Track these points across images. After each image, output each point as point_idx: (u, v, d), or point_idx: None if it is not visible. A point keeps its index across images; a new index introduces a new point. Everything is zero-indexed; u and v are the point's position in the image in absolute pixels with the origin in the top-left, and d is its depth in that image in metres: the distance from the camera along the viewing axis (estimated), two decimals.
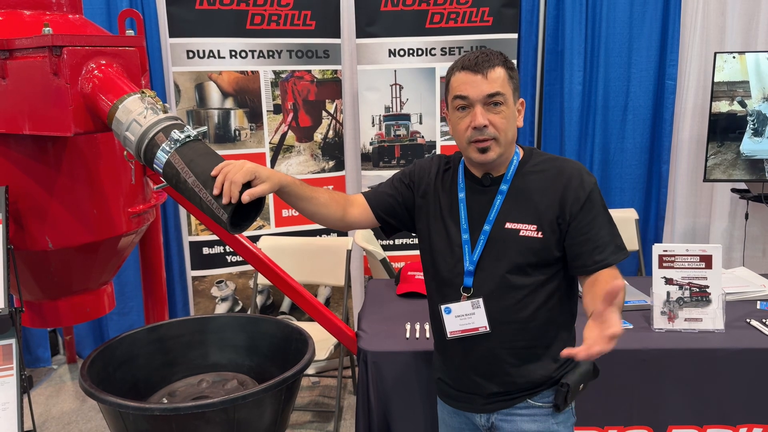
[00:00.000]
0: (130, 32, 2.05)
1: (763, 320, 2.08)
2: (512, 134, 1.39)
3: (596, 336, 1.12)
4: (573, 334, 1.50)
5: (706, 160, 3.26)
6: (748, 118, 3.21)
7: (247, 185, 1.28)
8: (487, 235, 1.40)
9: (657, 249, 2.06)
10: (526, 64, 3.44)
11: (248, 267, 3.20)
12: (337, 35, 3.24)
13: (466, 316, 1.42)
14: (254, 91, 3.14)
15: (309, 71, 3.20)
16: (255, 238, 3.02)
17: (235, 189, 1.26)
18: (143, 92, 1.53)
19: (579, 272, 1.41)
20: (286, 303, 3.31)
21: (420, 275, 2.41)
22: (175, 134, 1.38)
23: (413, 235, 3.34)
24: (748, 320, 2.09)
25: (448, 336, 1.45)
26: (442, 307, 1.45)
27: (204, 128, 1.50)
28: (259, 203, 1.32)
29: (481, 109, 1.33)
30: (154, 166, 1.40)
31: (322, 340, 2.59)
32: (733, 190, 3.54)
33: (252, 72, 3.12)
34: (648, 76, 3.45)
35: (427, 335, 1.99)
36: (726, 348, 1.93)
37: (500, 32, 3.20)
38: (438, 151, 3.29)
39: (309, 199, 1.44)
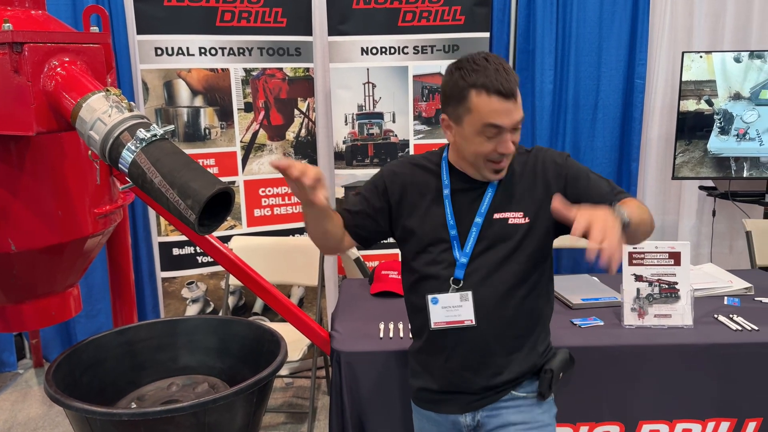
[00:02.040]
0: (94, 29, 2.00)
1: (730, 315, 2.12)
2: None
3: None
4: (548, 328, 1.59)
5: (675, 158, 3.32)
6: (715, 116, 3.27)
7: (226, 199, 1.32)
8: (479, 227, 1.43)
9: (627, 246, 2.08)
10: None
11: (219, 268, 3.16)
12: (309, 33, 3.21)
13: (452, 308, 1.43)
14: (224, 89, 3.10)
15: (280, 69, 3.17)
16: (226, 239, 2.98)
17: (312, 173, 1.25)
18: (108, 90, 1.49)
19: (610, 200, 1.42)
20: (258, 304, 3.27)
21: (394, 274, 2.40)
22: (141, 133, 1.35)
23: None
24: (715, 316, 2.13)
25: (432, 326, 1.45)
26: (429, 297, 1.45)
27: (171, 127, 1.46)
28: (227, 204, 1.30)
29: (510, 136, 1.34)
30: (119, 165, 1.37)
31: (296, 341, 2.57)
32: (701, 188, 3.61)
33: (222, 70, 3.08)
34: (617, 75, 3.49)
35: (401, 334, 1.98)
36: (694, 343, 1.95)
37: (472, 31, 3.21)
38: (411, 150, 3.29)
39: (330, 219, 1.47)
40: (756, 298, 2.29)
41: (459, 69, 1.34)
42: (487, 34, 3.25)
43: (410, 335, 1.65)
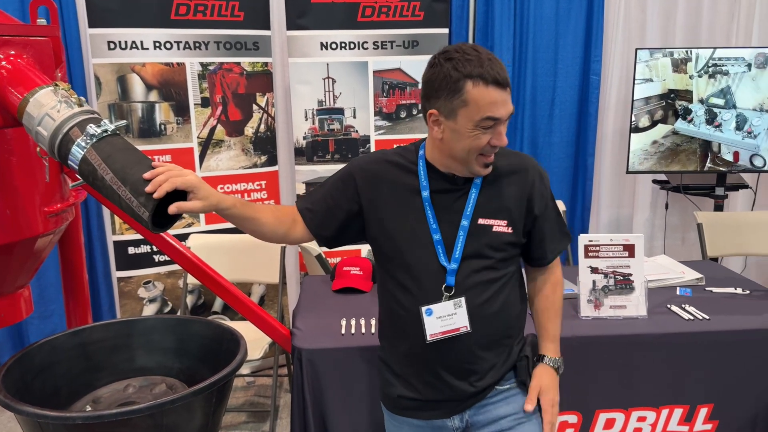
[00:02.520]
0: (42, 21, 1.94)
1: (683, 305, 2.18)
2: None
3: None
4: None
5: (629, 153, 3.39)
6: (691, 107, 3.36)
7: (182, 197, 1.25)
8: (466, 230, 1.37)
9: (583, 239, 2.12)
10: None
11: (177, 267, 3.09)
12: (267, 27, 3.17)
13: (447, 317, 1.37)
14: (180, 83, 3.03)
15: (238, 63, 3.12)
16: (184, 237, 2.93)
17: (167, 186, 1.21)
18: (56, 85, 1.44)
19: (536, 264, 1.53)
20: (218, 303, 3.23)
21: (356, 270, 2.40)
22: (91, 129, 1.31)
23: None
24: (668, 306, 2.19)
25: (429, 339, 1.37)
26: (423, 309, 1.37)
27: (123, 122, 1.43)
28: (182, 201, 1.27)
29: (504, 128, 1.30)
30: (69, 162, 1.33)
31: (257, 339, 2.54)
32: (654, 182, 3.70)
33: (178, 64, 3.02)
34: (574, 71, 3.55)
35: (363, 330, 1.98)
36: (649, 333, 2.01)
37: (431, 27, 3.21)
38: (372, 146, 3.29)
39: (252, 220, 1.40)
40: (707, 288, 2.36)
41: (449, 60, 1.26)
42: (446, 30, 3.26)
43: (380, 341, 1.56)
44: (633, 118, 3.34)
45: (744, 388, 2.02)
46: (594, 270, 2.12)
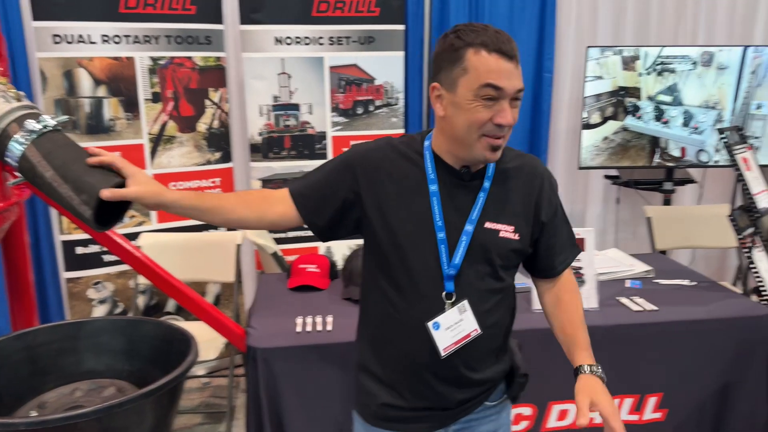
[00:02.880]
0: None
1: (632, 297, 2.23)
2: None
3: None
4: None
5: (580, 149, 3.46)
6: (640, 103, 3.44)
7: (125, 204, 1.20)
8: (470, 236, 1.26)
9: None
10: (414, 56, 3.47)
11: (128, 266, 3.02)
12: (219, 21, 3.11)
13: (455, 326, 1.27)
14: (129, 78, 2.95)
15: (190, 58, 3.05)
16: (134, 235, 2.86)
17: (104, 159, 1.19)
18: None
19: (544, 275, 1.43)
20: (171, 303, 3.16)
21: (312, 268, 2.38)
22: (31, 124, 1.26)
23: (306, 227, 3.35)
24: (618, 298, 2.24)
25: (443, 354, 1.27)
26: (430, 324, 1.26)
27: (65, 118, 1.37)
28: (125, 202, 1.23)
29: (509, 106, 1.18)
30: (7, 159, 1.27)
31: (211, 339, 2.49)
32: (606, 177, 3.79)
33: (127, 58, 2.93)
34: (527, 68, 3.60)
35: (319, 328, 1.96)
36: (599, 325, 2.04)
37: (387, 23, 3.21)
38: (329, 142, 3.26)
39: (213, 210, 1.29)
40: (655, 281, 2.43)
41: (455, 32, 1.20)
42: (402, 27, 3.26)
43: (361, 346, 1.42)
44: (585, 115, 3.40)
45: (692, 376, 2.09)
46: None
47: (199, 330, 1.96)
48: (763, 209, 2.27)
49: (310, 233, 1.39)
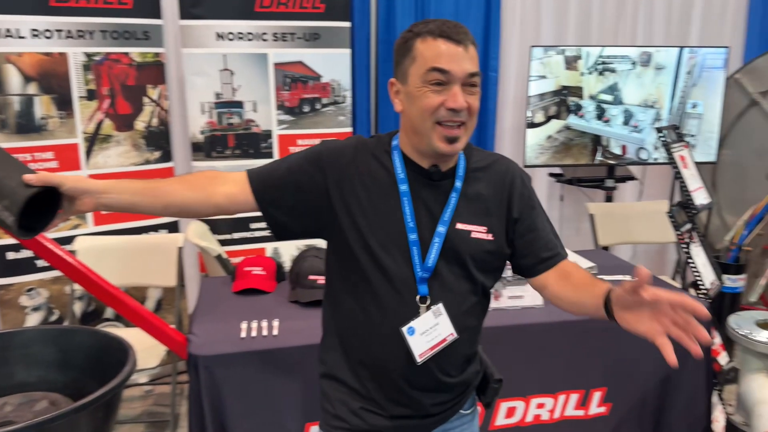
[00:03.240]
0: None
1: None
2: (476, 122, 1.22)
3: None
4: None
5: (525, 148, 3.50)
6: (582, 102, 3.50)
7: (54, 203, 1.13)
8: (443, 237, 1.22)
9: None
10: (361, 54, 3.44)
11: None
12: (158, 16, 3.00)
13: (431, 330, 1.22)
14: (62, 75, 2.81)
15: (127, 54, 2.93)
16: (69, 239, 2.73)
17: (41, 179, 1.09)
18: None
19: (542, 269, 1.30)
20: (110, 309, 3.04)
21: (258, 270, 2.32)
22: None
23: (253, 227, 3.28)
24: None
25: (419, 360, 1.22)
26: (404, 329, 1.22)
27: None
28: (54, 205, 1.16)
29: (460, 90, 1.14)
30: None
31: (153, 346, 2.40)
32: (550, 175, 3.85)
33: (59, 54, 2.79)
34: None
35: (264, 333, 1.91)
36: (545, 322, 2.07)
37: (333, 20, 3.17)
38: (275, 141, 3.20)
39: (150, 193, 1.18)
40: (598, 276, 2.47)
41: (409, 29, 1.21)
42: (348, 24, 3.22)
43: (325, 357, 1.35)
44: (529, 114, 3.45)
45: (634, 370, 2.13)
46: None
47: (139, 337, 1.89)
48: (700, 206, 2.35)
49: (256, 234, 1.32)
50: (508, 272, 2.13)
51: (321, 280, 2.16)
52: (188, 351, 1.82)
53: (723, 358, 2.35)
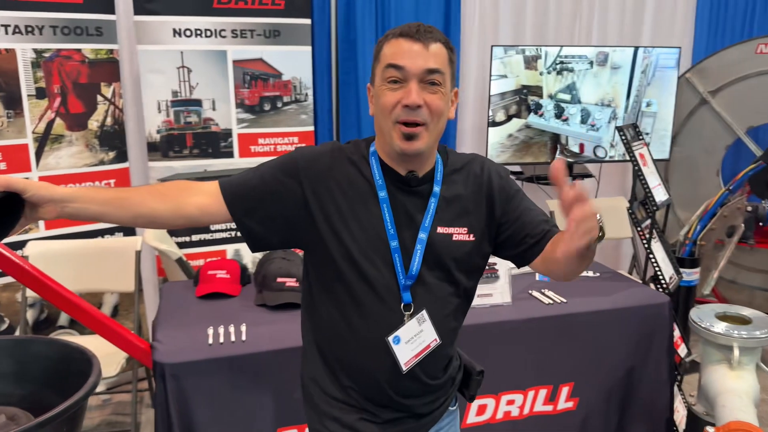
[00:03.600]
0: None
1: (542, 290, 2.29)
2: (443, 124, 1.19)
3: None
4: None
5: (487, 146, 3.53)
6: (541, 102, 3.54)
7: (17, 208, 1.06)
8: (425, 244, 1.20)
9: None
10: (321, 52, 3.40)
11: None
12: (112, 11, 2.89)
13: (415, 337, 1.21)
14: (10, 72, 2.68)
15: (79, 50, 2.81)
16: (20, 244, 2.60)
17: None
18: None
19: (537, 251, 1.23)
20: (64, 316, 2.92)
21: (222, 273, 2.26)
22: None
23: (213, 229, 3.20)
24: (530, 291, 2.29)
25: (404, 369, 1.21)
26: (390, 338, 1.20)
27: None
28: (14, 211, 1.09)
29: (417, 87, 1.12)
30: None
31: (112, 354, 2.31)
32: (510, 173, 3.89)
33: (6, 50, 2.66)
34: None
35: (233, 338, 1.86)
36: (514, 319, 2.09)
37: (293, 17, 3.12)
38: (235, 140, 3.13)
39: (118, 202, 1.14)
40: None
41: (385, 35, 1.21)
42: (308, 21, 3.18)
43: (308, 371, 1.32)
44: (491, 113, 3.47)
45: (599, 364, 2.17)
46: None
47: (96, 344, 1.80)
48: (660, 202, 2.41)
49: (216, 236, 1.27)
50: None
51: (290, 282, 2.12)
52: (153, 359, 1.75)
53: (682, 350, 2.42)
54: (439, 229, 1.23)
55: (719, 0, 4.05)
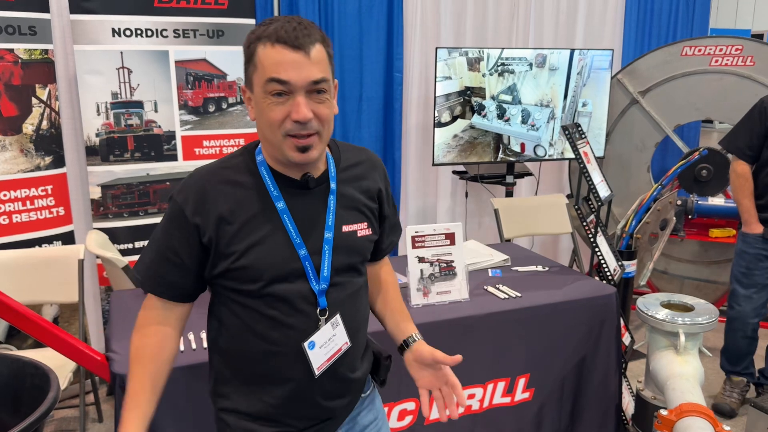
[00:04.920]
0: None
1: (497, 286, 2.35)
2: (332, 126, 1.18)
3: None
4: None
5: (434, 147, 3.58)
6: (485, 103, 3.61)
7: None
8: (332, 244, 1.20)
9: (410, 231, 2.18)
10: None
11: None
12: (46, 9, 2.75)
13: (328, 342, 1.22)
14: None
15: (11, 50, 2.66)
16: None
17: None
18: None
19: (375, 259, 1.38)
20: (0, 330, 2.75)
21: None
22: None
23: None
24: (485, 287, 2.34)
25: (317, 373, 1.21)
26: (305, 344, 1.19)
27: None
28: None
29: (305, 100, 1.09)
30: None
31: (58, 367, 2.20)
32: (454, 173, 3.97)
33: None
34: (378, 68, 3.65)
35: (194, 345, 1.81)
36: (473, 315, 2.13)
37: (236, 16, 3.06)
38: (179, 142, 3.04)
39: (155, 389, 1.23)
40: (513, 268, 2.58)
41: (252, 31, 1.13)
42: (252, 21, 3.13)
43: (222, 394, 1.29)
44: (436, 114, 3.53)
45: (553, 355, 2.25)
46: (421, 259, 2.19)
47: (39, 358, 1.72)
48: (603, 197, 2.51)
49: None
50: (436, 269, 2.19)
51: None
52: (111, 370, 1.68)
53: (626, 339, 2.54)
54: (345, 228, 1.23)
55: (645, 5, 4.27)
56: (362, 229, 1.26)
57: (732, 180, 2.80)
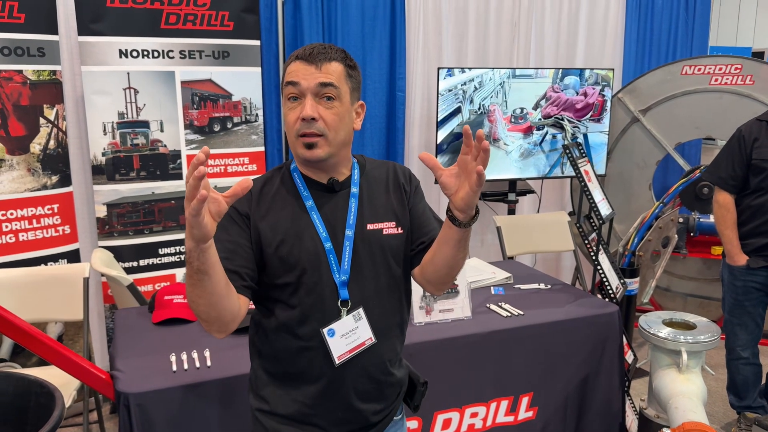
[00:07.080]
0: None
1: (499, 303, 2.36)
2: (345, 135, 1.29)
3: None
4: None
5: None
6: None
7: None
8: (352, 240, 1.31)
9: None
10: (269, 72, 3.41)
11: None
12: (54, 31, 2.80)
13: (350, 333, 1.29)
14: None
15: (20, 71, 2.71)
16: None
17: None
18: None
19: (426, 249, 1.35)
20: (5, 348, 2.76)
21: (179, 299, 2.21)
22: None
23: (161, 253, 3.12)
24: (487, 305, 2.35)
25: (337, 362, 1.29)
26: (325, 330, 1.28)
27: None
28: None
29: (312, 101, 1.23)
30: None
31: (62, 386, 2.21)
32: None
33: None
34: (381, 88, 3.69)
35: (197, 364, 1.82)
36: (475, 333, 2.14)
37: (242, 38, 3.11)
38: (184, 161, 3.07)
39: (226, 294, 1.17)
40: (515, 286, 2.59)
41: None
42: (257, 42, 3.18)
43: (260, 394, 1.36)
44: (438, 136, 3.56)
45: (556, 374, 2.25)
46: None
47: (43, 376, 1.73)
48: (605, 215, 2.53)
49: (164, 260, 1.32)
50: None
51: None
52: (116, 389, 1.70)
53: (629, 357, 2.54)
54: (369, 226, 1.33)
55: (645, 24, 4.31)
56: (389, 228, 1.35)
57: (714, 210, 2.77)
